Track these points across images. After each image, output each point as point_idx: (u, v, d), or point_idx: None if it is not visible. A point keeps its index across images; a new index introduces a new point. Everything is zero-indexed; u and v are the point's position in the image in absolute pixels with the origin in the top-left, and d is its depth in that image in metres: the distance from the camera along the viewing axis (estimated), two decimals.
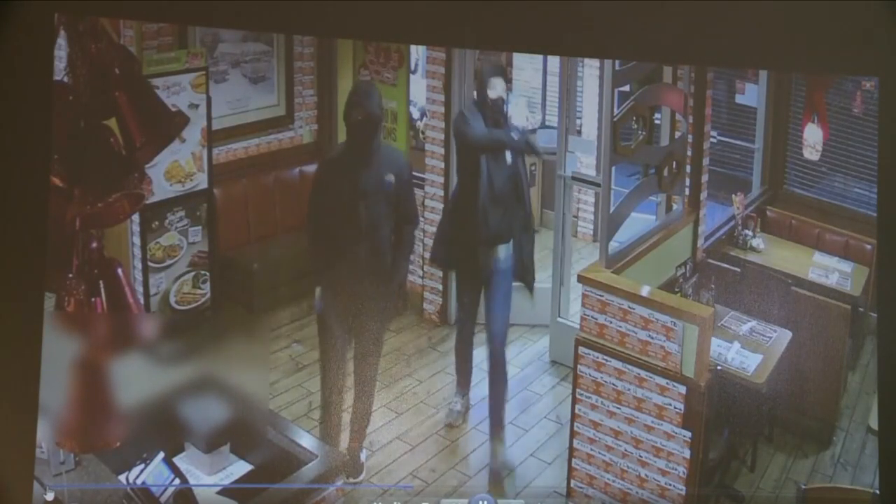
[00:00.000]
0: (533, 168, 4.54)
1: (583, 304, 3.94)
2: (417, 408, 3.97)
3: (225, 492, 3.40)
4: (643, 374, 3.82)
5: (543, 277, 4.51)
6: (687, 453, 3.75)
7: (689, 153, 4.26)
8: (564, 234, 4.38)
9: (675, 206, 4.35)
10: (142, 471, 3.28)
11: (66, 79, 3.23)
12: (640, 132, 4.14)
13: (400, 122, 4.60)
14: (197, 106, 3.82)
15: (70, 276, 3.26)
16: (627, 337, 3.85)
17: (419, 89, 4.46)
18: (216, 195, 4.02)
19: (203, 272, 3.94)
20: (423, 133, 4.50)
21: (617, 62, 3.94)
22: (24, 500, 3.12)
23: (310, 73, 4.50)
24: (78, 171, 3.23)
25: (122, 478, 3.30)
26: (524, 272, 4.12)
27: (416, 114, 4.54)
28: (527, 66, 4.64)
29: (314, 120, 4.58)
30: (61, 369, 3.20)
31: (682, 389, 3.76)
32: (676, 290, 4.15)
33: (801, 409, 4.05)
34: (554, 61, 4.37)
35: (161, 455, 3.31)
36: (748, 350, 3.93)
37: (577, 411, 3.94)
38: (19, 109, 3.14)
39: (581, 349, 3.92)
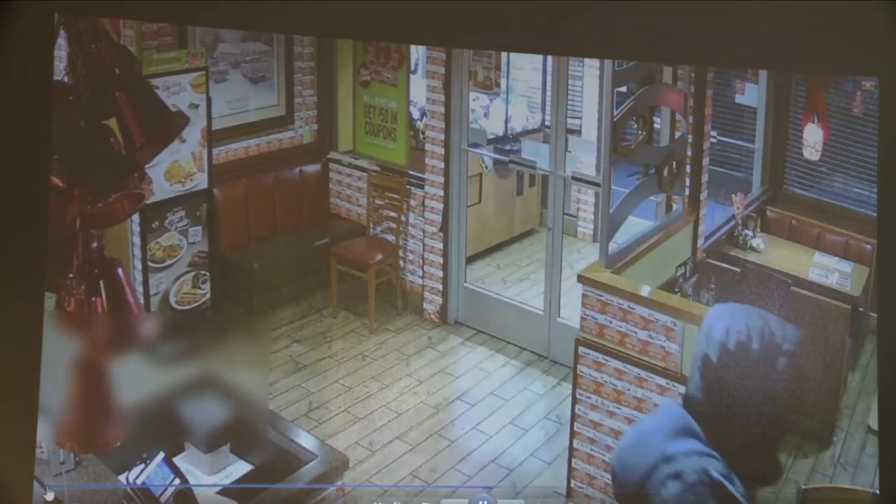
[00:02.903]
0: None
1: (583, 305, 3.94)
2: (417, 408, 3.97)
3: (225, 492, 3.40)
4: (643, 374, 3.82)
5: (539, 278, 4.53)
6: None
7: (689, 153, 4.26)
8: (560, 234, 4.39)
9: (675, 206, 4.35)
10: (142, 471, 3.28)
11: (66, 79, 3.23)
12: (640, 132, 4.14)
13: (400, 122, 4.61)
14: (197, 106, 3.82)
15: (70, 276, 3.26)
16: (627, 337, 3.84)
17: (419, 89, 4.46)
18: (216, 195, 4.02)
19: (203, 272, 3.94)
20: (423, 133, 4.50)
21: (617, 62, 3.94)
22: (24, 500, 3.11)
23: (310, 73, 4.50)
24: (78, 171, 3.23)
25: (122, 478, 3.30)
26: None
27: (416, 114, 4.55)
28: (527, 66, 4.65)
29: (314, 120, 4.59)
30: (61, 369, 3.20)
31: (682, 389, 3.76)
32: (676, 290, 4.15)
33: (801, 409, 4.05)
34: (554, 61, 4.37)
35: (161, 455, 3.31)
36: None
37: (577, 411, 3.94)
38: (19, 109, 3.14)
39: (581, 349, 3.92)
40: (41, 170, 3.17)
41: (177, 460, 3.39)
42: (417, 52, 4.42)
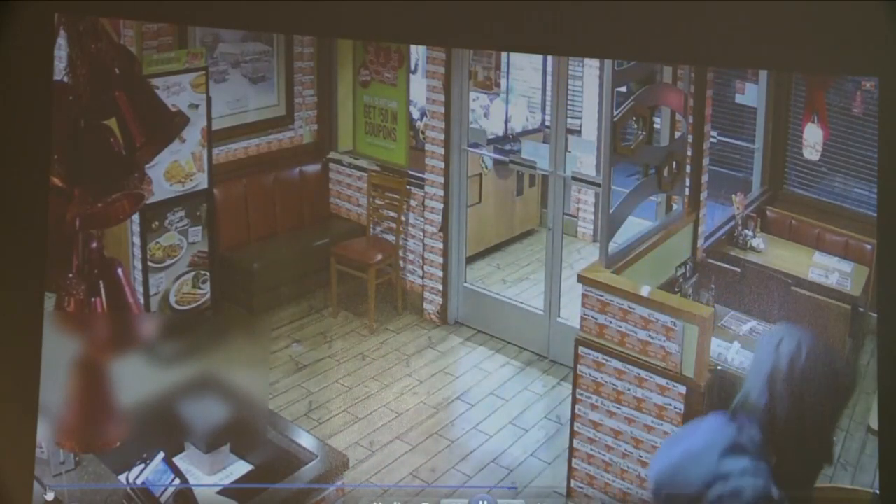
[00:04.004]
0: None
1: (583, 304, 3.94)
2: (417, 408, 3.97)
3: (225, 492, 3.40)
4: (643, 374, 3.82)
5: (539, 278, 4.53)
6: None
7: (689, 153, 4.26)
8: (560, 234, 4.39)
9: (675, 206, 4.35)
10: (142, 471, 3.28)
11: (66, 79, 3.23)
12: (640, 132, 4.14)
13: (400, 121, 4.61)
14: (197, 106, 3.82)
15: (70, 276, 3.26)
16: (627, 337, 3.84)
17: (419, 89, 4.46)
18: (216, 195, 4.02)
19: (203, 272, 3.94)
20: (423, 133, 4.50)
21: (617, 62, 3.94)
22: (24, 500, 3.12)
23: (310, 73, 4.50)
24: (78, 171, 3.23)
25: (122, 478, 3.30)
26: None
27: (416, 114, 4.55)
28: (527, 66, 4.65)
29: (314, 120, 4.59)
30: (61, 369, 3.20)
31: (682, 389, 3.76)
32: (676, 290, 4.15)
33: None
34: (554, 61, 4.37)
35: (161, 455, 3.31)
36: (748, 350, 3.92)
37: (577, 411, 3.94)
38: (19, 109, 3.14)
39: (581, 349, 3.92)
40: (41, 170, 3.17)
41: (177, 460, 3.39)
42: (417, 52, 4.42)
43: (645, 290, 3.92)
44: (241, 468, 3.51)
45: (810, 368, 3.05)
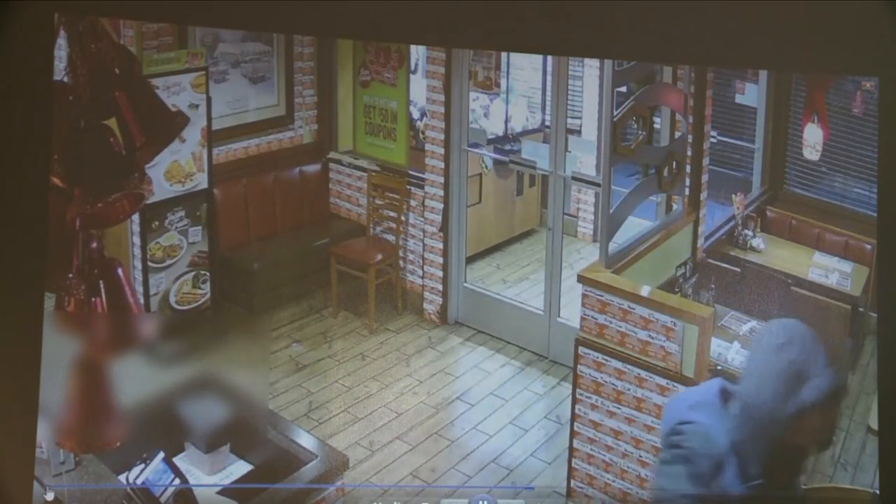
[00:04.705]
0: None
1: (583, 304, 3.94)
2: (417, 408, 3.97)
3: (225, 492, 3.40)
4: (643, 374, 3.82)
5: (539, 278, 4.53)
6: None
7: (689, 153, 4.26)
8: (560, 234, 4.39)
9: (675, 206, 4.35)
10: (142, 471, 3.28)
11: (66, 79, 3.23)
12: (640, 132, 4.14)
13: (400, 121, 4.61)
14: (197, 106, 3.82)
15: (70, 276, 3.26)
16: (627, 337, 3.85)
17: (419, 89, 4.46)
18: (216, 195, 4.02)
19: (203, 272, 3.94)
20: (423, 133, 4.50)
21: (617, 62, 3.94)
22: (24, 500, 3.11)
23: (310, 73, 4.50)
24: (78, 171, 3.23)
25: (122, 478, 3.30)
26: None
27: (416, 114, 4.55)
28: (527, 66, 4.65)
29: (314, 120, 4.59)
30: (61, 369, 3.20)
31: (682, 389, 3.76)
32: (676, 290, 4.15)
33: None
34: (554, 61, 4.37)
35: (161, 455, 3.31)
36: (748, 350, 3.93)
37: (577, 411, 3.94)
38: (19, 109, 3.14)
39: (581, 349, 3.92)
40: (41, 170, 3.17)
41: (177, 460, 3.39)
42: (417, 52, 4.42)
43: (645, 290, 3.93)
44: (241, 468, 3.51)
45: (785, 359, 3.06)
